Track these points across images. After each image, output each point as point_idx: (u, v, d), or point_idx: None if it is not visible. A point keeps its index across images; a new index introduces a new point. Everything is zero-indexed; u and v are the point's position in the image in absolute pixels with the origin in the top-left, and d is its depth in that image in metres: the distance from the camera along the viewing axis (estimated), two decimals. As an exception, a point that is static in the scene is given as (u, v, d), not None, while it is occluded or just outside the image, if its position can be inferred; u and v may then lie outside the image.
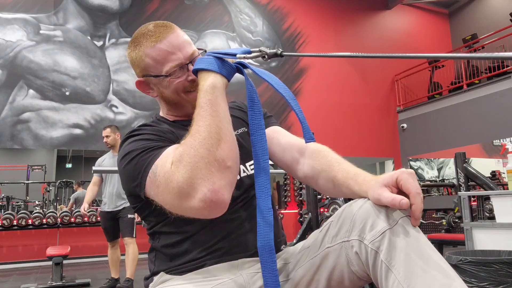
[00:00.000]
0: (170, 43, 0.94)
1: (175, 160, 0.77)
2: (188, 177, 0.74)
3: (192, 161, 0.74)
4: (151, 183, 0.82)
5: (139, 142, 0.89)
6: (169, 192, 0.78)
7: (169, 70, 0.94)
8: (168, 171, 0.78)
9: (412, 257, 0.69)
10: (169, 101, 1.01)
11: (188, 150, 0.76)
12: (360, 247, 0.76)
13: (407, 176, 0.75)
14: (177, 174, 0.75)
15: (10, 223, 6.07)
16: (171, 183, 0.76)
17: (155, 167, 0.82)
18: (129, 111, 7.29)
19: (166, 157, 0.81)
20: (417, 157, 10.16)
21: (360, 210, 0.78)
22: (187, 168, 0.74)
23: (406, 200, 0.72)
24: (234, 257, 0.91)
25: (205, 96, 0.81)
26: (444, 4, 10.73)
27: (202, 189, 0.73)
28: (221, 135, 0.78)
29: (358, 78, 9.34)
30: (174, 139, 0.93)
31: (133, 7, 7.61)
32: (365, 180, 0.82)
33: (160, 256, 0.95)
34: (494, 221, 2.39)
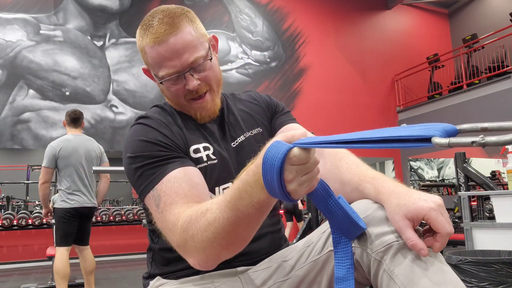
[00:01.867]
0: (169, 48, 0.85)
1: (182, 227, 0.74)
2: (184, 246, 0.74)
3: (195, 246, 0.72)
4: (150, 205, 0.82)
5: (147, 146, 0.84)
6: (166, 234, 0.79)
7: (164, 76, 0.88)
8: (172, 226, 0.76)
9: (416, 269, 0.67)
10: (169, 99, 0.95)
11: (196, 233, 0.71)
12: (362, 255, 0.74)
13: (436, 215, 0.67)
14: (179, 238, 0.74)
15: (10, 223, 6.07)
16: (170, 234, 0.77)
17: (158, 197, 0.80)
18: (129, 111, 7.30)
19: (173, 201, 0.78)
20: (417, 157, 10.16)
21: (367, 217, 0.74)
22: (189, 243, 0.73)
23: (425, 252, 0.67)
24: (233, 265, 0.89)
25: (247, 207, 0.65)
26: (444, 4, 10.73)
27: (194, 259, 0.74)
28: (236, 242, 0.72)
29: (358, 78, 9.34)
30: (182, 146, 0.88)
31: (133, 7, 7.61)
32: (383, 186, 0.75)
33: (157, 258, 0.95)
34: (494, 221, 2.39)
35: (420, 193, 0.70)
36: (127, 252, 6.81)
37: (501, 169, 9.53)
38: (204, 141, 0.93)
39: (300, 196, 0.60)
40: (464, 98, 8.22)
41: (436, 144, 0.49)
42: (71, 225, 3.06)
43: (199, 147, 0.91)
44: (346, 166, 0.85)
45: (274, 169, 0.57)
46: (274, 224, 0.98)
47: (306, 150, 0.58)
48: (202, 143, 0.92)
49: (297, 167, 0.58)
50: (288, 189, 0.59)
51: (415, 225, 0.69)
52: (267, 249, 0.93)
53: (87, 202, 3.11)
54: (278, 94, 8.17)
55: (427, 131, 0.50)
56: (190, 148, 0.90)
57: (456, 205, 3.87)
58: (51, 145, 3.13)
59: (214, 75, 0.93)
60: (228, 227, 0.68)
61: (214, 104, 0.94)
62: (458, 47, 9.22)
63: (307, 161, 0.58)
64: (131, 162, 0.85)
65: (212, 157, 0.91)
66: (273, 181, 0.58)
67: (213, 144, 0.93)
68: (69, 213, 3.05)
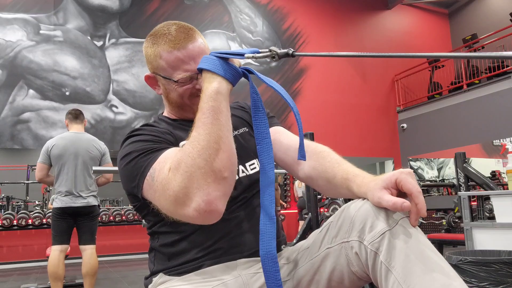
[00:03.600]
0: (187, 53, 0.94)
1: (173, 167, 0.77)
2: (184, 186, 0.74)
3: (189, 171, 0.74)
4: (149, 187, 0.83)
5: (138, 144, 0.89)
6: (165, 198, 0.78)
7: (179, 78, 0.94)
8: (165, 178, 0.78)
9: (411, 258, 0.69)
10: (172, 102, 1.01)
11: (186, 158, 0.76)
12: (360, 248, 0.76)
13: (406, 176, 0.75)
14: (174, 183, 0.76)
15: (10, 223, 6.07)
16: (168, 191, 0.77)
17: (153, 170, 0.82)
18: (129, 111, 7.30)
19: (164, 162, 0.81)
20: (417, 157, 10.17)
21: (359, 211, 0.78)
22: (183, 177, 0.75)
23: (407, 203, 0.72)
24: (232, 257, 0.91)
25: (208, 102, 0.80)
26: (444, 4, 10.73)
27: (197, 199, 0.74)
28: (220, 145, 0.77)
29: (358, 78, 9.34)
30: (173, 140, 0.94)
31: (133, 7, 7.61)
32: (363, 181, 0.82)
33: (159, 256, 0.96)
34: (494, 221, 2.39)
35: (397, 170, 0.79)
36: (127, 252, 6.81)
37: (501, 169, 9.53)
38: None
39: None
40: (464, 98, 8.21)
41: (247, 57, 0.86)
42: (62, 224, 3.02)
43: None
44: (329, 165, 0.92)
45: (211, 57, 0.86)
46: None
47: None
48: None
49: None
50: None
51: (393, 193, 0.76)
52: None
53: (76, 202, 3.04)
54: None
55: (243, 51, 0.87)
56: (180, 144, 0.95)
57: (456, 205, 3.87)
58: (46, 142, 3.15)
59: None
60: (205, 135, 0.76)
61: None
62: (458, 47, 9.23)
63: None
64: (124, 160, 0.89)
65: None
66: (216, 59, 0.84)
67: None
68: (59, 212, 3.02)
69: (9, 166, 8.25)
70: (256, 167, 1.02)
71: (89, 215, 3.13)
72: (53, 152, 3.06)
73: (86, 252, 3.07)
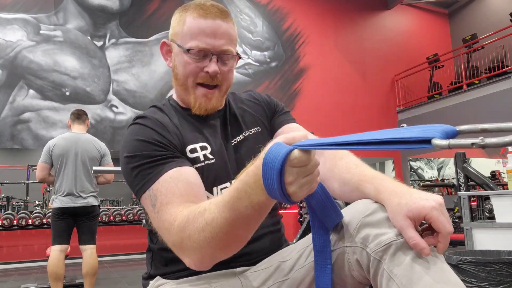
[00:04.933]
0: (211, 26, 0.88)
1: (179, 226, 0.73)
2: (180, 246, 0.74)
3: (191, 245, 0.72)
4: (146, 205, 0.82)
5: (143, 145, 0.84)
6: (162, 233, 0.79)
7: (192, 47, 0.89)
8: (167, 226, 0.76)
9: (416, 268, 0.67)
10: (177, 79, 0.95)
11: (193, 232, 0.71)
12: (361, 255, 0.73)
13: (437, 214, 0.67)
14: (174, 237, 0.74)
15: (10, 223, 6.07)
16: (165, 236, 0.77)
17: (154, 197, 0.80)
18: (129, 111, 7.29)
19: (171, 195, 0.78)
20: (417, 157, 10.17)
21: (368, 217, 0.74)
22: (184, 244, 0.73)
23: (428, 251, 0.67)
24: (232, 265, 0.89)
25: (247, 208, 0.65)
26: (444, 4, 10.73)
27: (190, 259, 0.74)
28: (233, 243, 0.72)
29: (358, 78, 9.34)
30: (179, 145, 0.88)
31: (133, 7, 7.61)
32: (383, 186, 0.75)
33: (156, 258, 0.94)
34: (494, 221, 2.39)
35: (421, 193, 0.70)
36: (127, 252, 6.80)
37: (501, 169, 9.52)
38: (202, 140, 0.93)
39: (300, 198, 0.60)
40: (464, 98, 8.21)
41: (436, 145, 0.49)
42: (62, 224, 3.02)
43: (196, 146, 0.91)
44: (346, 166, 0.85)
45: (274, 171, 0.57)
46: (274, 224, 0.98)
47: (306, 152, 0.58)
48: (199, 143, 0.92)
49: (298, 169, 0.58)
50: (289, 191, 0.59)
51: (416, 225, 0.69)
52: (267, 249, 0.92)
53: (76, 202, 3.03)
54: (278, 94, 8.16)
55: (427, 133, 0.50)
56: (187, 148, 0.90)
57: (456, 205, 3.87)
58: (48, 142, 3.16)
59: (230, 78, 0.95)
60: (226, 227, 0.67)
61: (217, 102, 0.95)
62: (458, 47, 9.22)
63: (307, 163, 0.59)
64: (128, 162, 0.85)
65: (209, 157, 0.91)
66: (273, 183, 0.58)
67: (211, 143, 0.93)
68: (59, 212, 3.02)
69: (9, 166, 8.26)
70: None
71: (89, 215, 3.12)
72: (55, 152, 3.07)
73: (86, 252, 3.07)
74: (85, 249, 3.08)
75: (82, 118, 3.30)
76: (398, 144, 0.53)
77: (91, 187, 3.15)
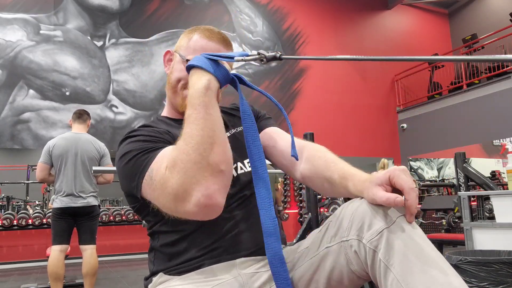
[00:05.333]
0: (212, 49, 0.98)
1: (169, 165, 0.78)
2: (182, 183, 0.75)
3: (185, 167, 0.75)
4: (148, 186, 0.83)
5: (136, 143, 0.90)
6: (164, 197, 0.79)
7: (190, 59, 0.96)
8: (163, 177, 0.78)
9: (410, 256, 0.70)
10: (170, 83, 1.04)
11: (181, 155, 0.76)
12: (359, 247, 0.76)
13: (399, 173, 0.75)
14: (172, 180, 0.76)
15: (10, 223, 6.07)
16: (167, 189, 0.77)
17: (151, 170, 0.83)
18: (129, 111, 7.29)
19: (161, 161, 0.82)
20: (417, 157, 10.17)
21: (357, 210, 0.78)
22: (180, 173, 0.75)
23: (400, 198, 0.72)
24: (232, 256, 0.91)
25: (199, 98, 0.80)
26: (444, 4, 10.73)
27: (196, 194, 0.74)
28: (214, 139, 0.77)
29: (358, 78, 9.34)
30: (170, 139, 0.94)
31: (133, 7, 7.61)
32: (360, 180, 0.82)
33: (159, 256, 0.96)
34: (494, 221, 2.39)
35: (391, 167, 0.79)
36: (127, 252, 6.81)
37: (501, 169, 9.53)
38: None
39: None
40: (464, 98, 8.21)
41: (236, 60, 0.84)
42: (62, 224, 3.02)
43: None
44: (326, 164, 0.92)
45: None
46: None
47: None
48: None
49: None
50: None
51: (387, 190, 0.76)
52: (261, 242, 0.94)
53: (76, 202, 3.03)
54: (278, 94, 8.16)
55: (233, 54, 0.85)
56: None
57: (456, 205, 3.87)
58: (47, 142, 3.16)
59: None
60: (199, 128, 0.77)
61: None
62: (458, 47, 9.22)
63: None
64: (122, 160, 0.90)
65: None
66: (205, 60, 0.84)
67: None
68: (59, 212, 3.02)
69: (9, 166, 8.26)
70: None
71: (89, 215, 3.12)
72: (55, 152, 3.07)
73: (86, 252, 3.07)
74: (85, 249, 3.08)
75: (82, 118, 3.30)
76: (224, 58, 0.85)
77: (91, 187, 3.15)
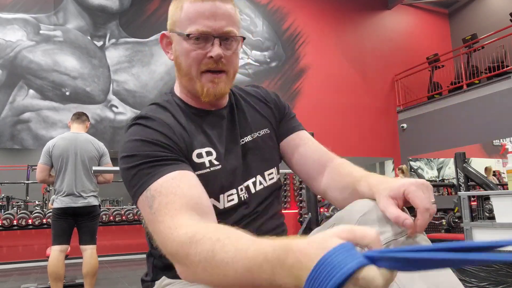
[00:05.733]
0: (211, 8, 0.83)
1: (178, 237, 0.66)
2: (175, 257, 0.67)
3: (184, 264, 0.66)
4: (143, 207, 0.76)
5: (144, 145, 0.79)
6: (156, 237, 0.72)
7: (192, 32, 0.84)
8: (165, 230, 0.69)
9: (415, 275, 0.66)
10: (181, 69, 0.89)
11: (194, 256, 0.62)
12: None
13: (415, 189, 0.68)
14: (170, 247, 0.68)
15: (10, 223, 6.07)
16: (161, 240, 0.70)
17: (152, 198, 0.73)
18: (129, 111, 7.29)
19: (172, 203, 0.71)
20: (417, 157, 10.16)
21: (365, 216, 0.73)
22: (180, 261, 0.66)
23: (410, 221, 0.67)
24: None
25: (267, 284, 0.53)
26: (444, 4, 10.73)
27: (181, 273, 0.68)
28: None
29: (358, 78, 9.34)
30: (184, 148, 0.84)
31: (133, 7, 7.61)
32: (374, 180, 0.77)
33: (159, 265, 0.92)
34: (494, 221, 2.39)
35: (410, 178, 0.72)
36: (127, 252, 6.80)
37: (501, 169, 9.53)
38: (208, 144, 0.88)
39: None
40: (464, 98, 8.21)
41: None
42: (62, 224, 3.02)
43: (202, 152, 0.87)
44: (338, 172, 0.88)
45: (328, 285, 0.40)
46: (278, 226, 0.97)
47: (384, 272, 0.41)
48: (205, 147, 0.87)
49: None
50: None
51: (400, 203, 0.70)
52: None
53: (76, 202, 3.02)
54: (278, 94, 8.13)
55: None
56: (194, 153, 0.85)
57: (456, 205, 3.87)
58: (47, 143, 3.16)
59: (235, 62, 0.90)
60: (229, 279, 0.57)
61: (225, 88, 0.89)
62: (458, 47, 9.22)
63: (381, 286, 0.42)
64: (126, 162, 0.80)
65: (215, 163, 0.87)
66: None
67: (217, 147, 0.89)
68: (59, 212, 3.02)
69: (9, 166, 8.25)
70: (274, 176, 0.96)
71: (90, 215, 3.12)
72: (54, 152, 3.07)
73: (86, 252, 3.07)
74: (85, 249, 3.08)
75: (81, 119, 3.31)
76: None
77: (92, 187, 3.15)
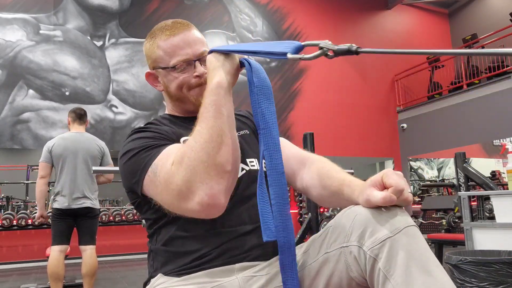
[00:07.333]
0: (183, 39, 0.97)
1: (176, 161, 0.78)
2: (187, 180, 0.75)
3: (192, 164, 0.75)
4: (150, 182, 0.83)
5: (140, 140, 0.90)
6: (168, 192, 0.79)
7: (176, 63, 0.97)
8: (168, 172, 0.79)
9: (412, 270, 0.68)
10: (172, 96, 1.02)
11: (189, 152, 0.77)
12: (359, 253, 0.74)
13: (391, 173, 0.76)
14: (177, 176, 0.77)
15: (10, 223, 6.07)
16: (171, 185, 0.78)
17: (155, 166, 0.83)
18: (129, 111, 7.29)
19: (167, 156, 0.82)
20: (417, 157, 10.17)
21: (360, 215, 0.76)
22: (186, 170, 0.76)
23: (394, 197, 0.73)
24: (232, 259, 0.89)
25: (210, 96, 0.81)
26: (444, 4, 10.73)
27: (200, 193, 0.75)
28: (223, 138, 0.78)
29: (358, 78, 9.34)
30: (174, 137, 0.94)
31: (133, 7, 7.61)
32: (357, 186, 0.83)
33: (158, 258, 0.95)
34: (494, 221, 2.38)
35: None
36: (127, 252, 6.80)
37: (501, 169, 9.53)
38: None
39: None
40: (464, 98, 8.21)
41: (291, 58, 0.77)
42: (62, 224, 3.01)
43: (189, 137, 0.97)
44: (327, 173, 0.94)
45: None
46: None
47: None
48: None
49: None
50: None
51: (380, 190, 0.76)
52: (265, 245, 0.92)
53: (76, 203, 3.02)
54: (278, 94, 8.16)
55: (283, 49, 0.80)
56: (181, 139, 0.95)
57: (456, 205, 3.87)
58: (47, 143, 3.15)
59: None
60: (208, 126, 0.77)
61: None
62: (458, 47, 9.22)
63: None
64: (125, 157, 0.90)
65: None
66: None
67: None
68: (59, 213, 3.02)
69: (9, 166, 8.26)
70: (255, 165, 1.01)
71: (89, 215, 3.11)
72: (55, 151, 3.06)
73: (86, 252, 3.06)
74: (85, 249, 3.07)
75: (83, 119, 3.32)
76: (265, 54, 0.84)
77: (92, 187, 3.14)
